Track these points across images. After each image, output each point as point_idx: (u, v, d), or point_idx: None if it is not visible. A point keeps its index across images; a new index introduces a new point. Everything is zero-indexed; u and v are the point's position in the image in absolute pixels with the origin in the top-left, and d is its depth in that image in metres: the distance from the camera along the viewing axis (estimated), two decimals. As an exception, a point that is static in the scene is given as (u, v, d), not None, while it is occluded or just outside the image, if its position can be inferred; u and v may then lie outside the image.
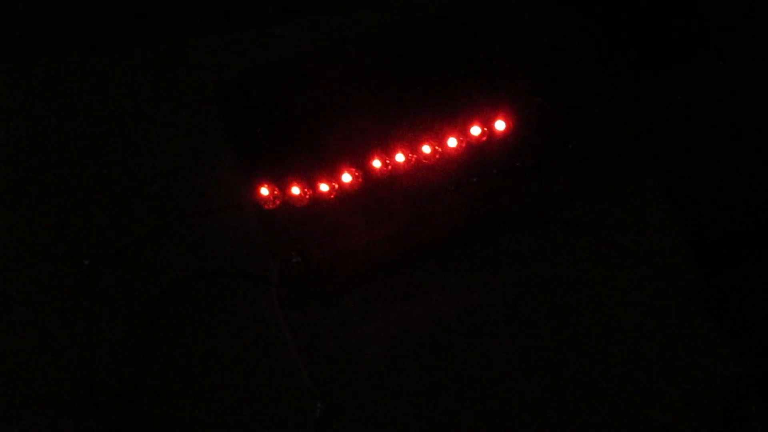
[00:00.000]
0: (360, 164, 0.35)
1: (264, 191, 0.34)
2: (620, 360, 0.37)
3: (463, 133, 0.36)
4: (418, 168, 0.37)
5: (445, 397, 0.36)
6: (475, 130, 0.36)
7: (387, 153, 0.35)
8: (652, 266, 0.39)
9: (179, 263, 0.37)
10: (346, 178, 0.35)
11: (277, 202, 0.34)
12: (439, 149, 0.36)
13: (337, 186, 0.35)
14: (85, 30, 0.42)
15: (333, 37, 0.40)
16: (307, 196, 0.35)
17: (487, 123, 0.36)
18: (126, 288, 0.37)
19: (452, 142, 0.36)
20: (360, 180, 0.35)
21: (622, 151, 0.41)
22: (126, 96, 0.40)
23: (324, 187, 0.35)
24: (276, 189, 0.34)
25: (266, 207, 0.34)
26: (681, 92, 0.45)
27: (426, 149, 0.36)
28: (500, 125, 0.37)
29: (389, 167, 0.36)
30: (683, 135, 0.44)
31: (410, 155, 0.36)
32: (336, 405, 0.34)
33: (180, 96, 0.40)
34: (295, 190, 0.34)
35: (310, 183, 0.35)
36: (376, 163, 0.35)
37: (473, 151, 0.37)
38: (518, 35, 0.40)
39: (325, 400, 0.33)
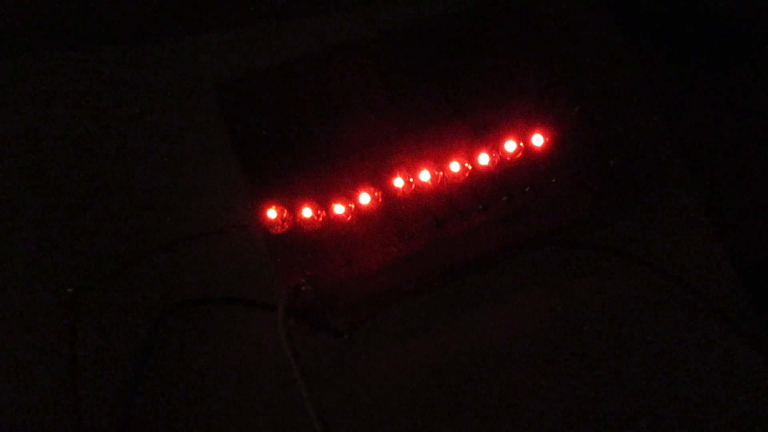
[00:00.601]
0: (380, 183, 0.31)
1: (272, 214, 0.30)
2: (663, 397, 0.33)
3: (496, 148, 0.32)
4: (443, 186, 0.33)
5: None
6: (510, 146, 0.32)
7: (410, 170, 0.31)
8: (696, 292, 0.35)
9: (179, 287, 0.33)
10: (365, 198, 0.31)
11: (286, 226, 0.30)
12: (470, 166, 0.32)
13: (353, 207, 0.31)
14: (63, 23, 0.37)
15: (348, 34, 0.36)
16: (320, 219, 0.31)
17: (523, 137, 0.32)
18: (124, 311, 0.33)
19: (484, 159, 0.32)
20: (379, 200, 0.31)
21: (663, 167, 0.37)
22: (117, 101, 0.36)
23: (339, 209, 0.31)
24: (285, 211, 0.30)
25: (274, 231, 0.30)
26: (728, 101, 0.41)
27: (455, 166, 0.31)
28: (538, 140, 0.32)
29: (413, 186, 0.31)
30: (730, 148, 0.40)
31: (437, 173, 0.32)
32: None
33: (178, 100, 0.36)
34: (307, 213, 0.30)
35: (323, 204, 0.31)
36: (398, 182, 0.31)
37: (506, 168, 0.33)
38: (549, 35, 0.35)
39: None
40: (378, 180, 0.31)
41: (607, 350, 0.34)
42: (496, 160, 0.32)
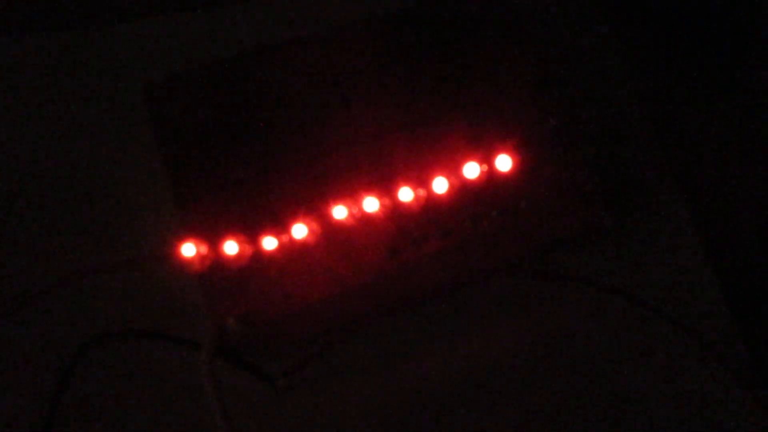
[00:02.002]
0: (318, 213, 0.27)
1: (188, 251, 0.26)
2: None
3: (454, 173, 0.28)
4: (396, 214, 0.29)
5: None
6: (471, 171, 0.28)
7: (354, 199, 0.27)
8: (680, 325, 0.31)
9: (96, 319, 0.30)
10: (300, 231, 0.27)
11: (207, 263, 0.26)
12: (423, 193, 0.28)
13: (287, 239, 0.27)
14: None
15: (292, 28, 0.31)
16: (248, 254, 0.27)
17: (486, 159, 0.28)
18: (36, 345, 0.30)
19: (441, 185, 0.27)
20: (318, 233, 0.27)
21: (651, 186, 0.33)
22: (29, 97, 0.32)
23: (270, 243, 0.27)
24: (206, 246, 0.26)
25: (193, 270, 0.27)
26: (728, 116, 0.36)
27: (406, 194, 0.27)
28: (504, 163, 0.28)
29: (357, 216, 0.27)
30: (723, 165, 0.36)
31: (385, 201, 0.27)
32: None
33: (99, 101, 0.31)
34: (232, 248, 0.26)
35: (252, 236, 0.27)
36: (340, 212, 0.27)
37: (467, 192, 0.29)
38: (522, 37, 0.31)
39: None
40: (316, 208, 0.27)
41: (578, 382, 0.31)
42: (456, 185, 0.28)
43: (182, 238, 0.26)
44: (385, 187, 0.27)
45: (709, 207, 0.35)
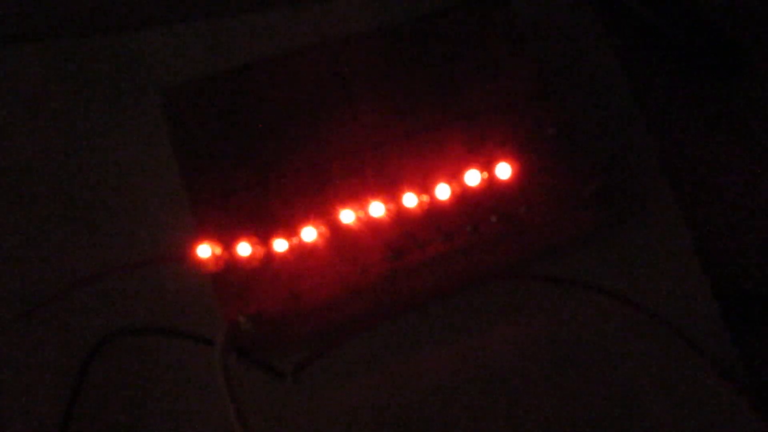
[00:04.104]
0: (326, 217, 0.28)
1: (204, 252, 0.27)
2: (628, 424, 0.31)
3: (456, 179, 0.29)
4: (400, 218, 0.30)
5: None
6: (472, 178, 0.29)
7: (360, 204, 0.28)
8: (672, 327, 0.33)
9: (114, 317, 0.31)
10: (309, 234, 0.28)
11: (221, 264, 0.28)
12: (427, 199, 0.29)
13: (297, 242, 0.28)
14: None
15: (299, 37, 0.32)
16: (260, 256, 0.28)
17: (487, 167, 0.29)
18: (55, 342, 0.31)
19: (443, 192, 0.29)
20: (326, 236, 0.29)
21: (646, 193, 0.35)
22: (52, 102, 0.33)
23: (281, 245, 0.28)
24: (220, 247, 0.28)
25: (208, 270, 0.28)
26: (724, 122, 0.37)
27: (410, 200, 0.29)
28: (503, 171, 0.29)
29: (363, 220, 0.29)
30: (720, 173, 0.37)
31: (390, 205, 0.29)
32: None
33: (116, 108, 0.33)
34: (244, 250, 0.28)
35: (263, 239, 0.28)
36: (347, 216, 0.28)
37: (468, 198, 0.30)
38: (522, 45, 0.32)
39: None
40: (324, 212, 0.28)
41: (576, 386, 0.32)
42: (458, 192, 0.29)
43: (198, 240, 0.27)
44: (390, 192, 0.29)
45: (704, 212, 0.36)
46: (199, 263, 0.27)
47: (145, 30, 0.34)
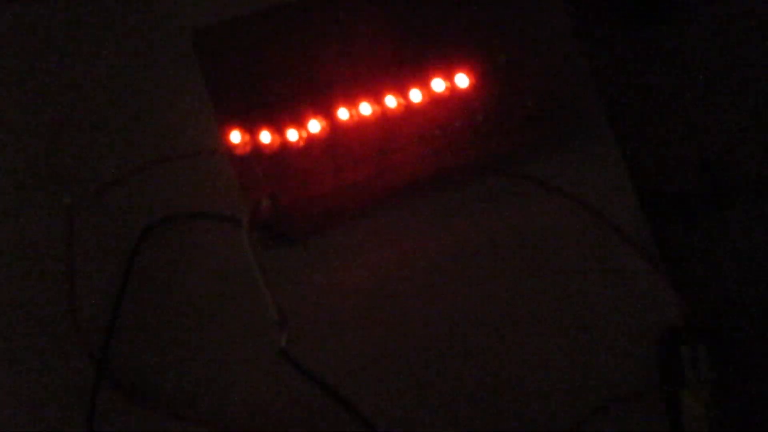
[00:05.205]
0: (327, 114, 0.37)
1: (236, 137, 0.36)
2: (569, 300, 0.41)
3: (426, 86, 0.38)
4: (384, 119, 0.39)
5: (413, 334, 0.39)
6: (438, 85, 0.38)
7: (352, 103, 0.37)
8: (602, 217, 0.41)
9: (153, 207, 0.39)
10: (314, 126, 0.37)
11: (248, 148, 0.36)
12: (404, 102, 0.38)
13: (305, 134, 0.37)
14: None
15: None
16: (277, 144, 0.37)
17: (449, 77, 0.38)
18: (102, 231, 0.38)
19: (416, 96, 0.38)
20: (327, 129, 0.37)
21: (583, 110, 0.43)
22: (96, 40, 0.40)
23: (293, 135, 0.37)
24: (247, 135, 0.36)
25: (237, 153, 0.36)
26: (649, 54, 0.47)
27: (390, 101, 0.37)
28: (462, 81, 0.38)
29: (355, 118, 0.37)
30: (646, 97, 0.46)
31: (375, 106, 0.38)
32: (303, 337, 0.37)
33: (154, 41, 0.41)
34: (265, 137, 0.36)
35: (279, 131, 0.37)
36: (342, 113, 0.37)
37: (437, 104, 0.39)
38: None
39: (292, 332, 0.36)
40: (326, 111, 0.37)
41: (523, 266, 0.41)
42: (427, 98, 0.38)
43: (229, 129, 0.36)
44: (375, 94, 0.37)
45: (632, 127, 0.45)
46: (231, 147, 0.36)
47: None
